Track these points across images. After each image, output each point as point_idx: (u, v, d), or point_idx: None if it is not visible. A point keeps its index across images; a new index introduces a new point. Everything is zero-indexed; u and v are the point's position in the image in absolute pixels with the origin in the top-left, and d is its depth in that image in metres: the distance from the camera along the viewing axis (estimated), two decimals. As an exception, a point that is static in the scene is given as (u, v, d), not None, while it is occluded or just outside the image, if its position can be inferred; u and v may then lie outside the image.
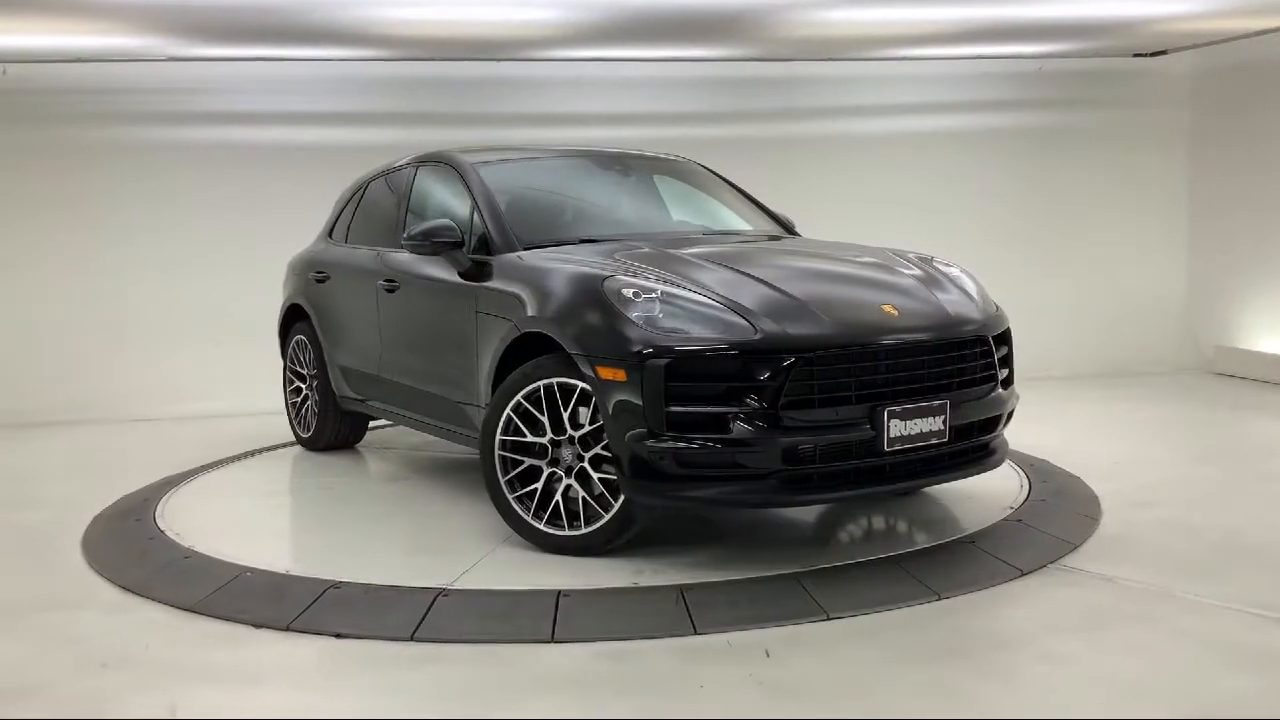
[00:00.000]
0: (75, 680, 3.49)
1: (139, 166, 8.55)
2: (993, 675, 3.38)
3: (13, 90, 8.29)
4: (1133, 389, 8.64)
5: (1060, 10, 7.46)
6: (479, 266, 5.07)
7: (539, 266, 4.78)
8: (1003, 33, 8.10)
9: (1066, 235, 9.60)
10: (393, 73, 8.78)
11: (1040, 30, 8.07)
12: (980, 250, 9.19)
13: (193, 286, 8.61)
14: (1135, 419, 7.51)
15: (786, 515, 5.05)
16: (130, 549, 4.83)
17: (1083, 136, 9.58)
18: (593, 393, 4.28)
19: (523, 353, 4.64)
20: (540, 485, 4.50)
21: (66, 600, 4.26)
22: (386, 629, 3.80)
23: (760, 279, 4.48)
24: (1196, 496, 5.37)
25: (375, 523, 5.26)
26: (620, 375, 4.15)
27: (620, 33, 7.69)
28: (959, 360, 4.47)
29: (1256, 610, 3.81)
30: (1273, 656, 3.46)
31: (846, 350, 4.19)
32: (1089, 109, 9.56)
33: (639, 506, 4.29)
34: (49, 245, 8.47)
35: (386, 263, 5.90)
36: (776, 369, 4.08)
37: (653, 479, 4.15)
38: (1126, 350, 9.50)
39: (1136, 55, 9.40)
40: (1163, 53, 9.31)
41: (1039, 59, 9.31)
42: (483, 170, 5.57)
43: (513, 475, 4.55)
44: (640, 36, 7.86)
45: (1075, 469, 5.77)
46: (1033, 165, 9.57)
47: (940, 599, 3.99)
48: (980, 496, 5.17)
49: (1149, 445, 6.72)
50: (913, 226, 9.01)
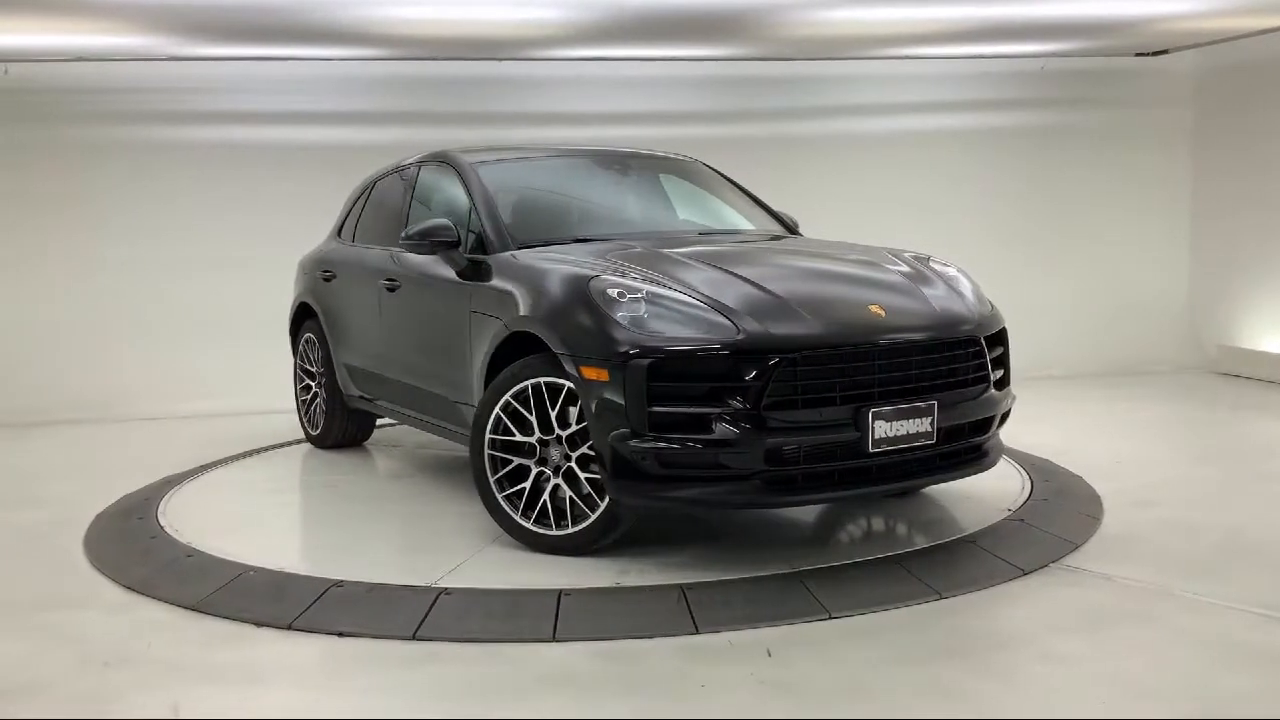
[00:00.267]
0: (77, 679, 3.50)
1: (141, 166, 8.55)
2: (994, 675, 3.38)
3: (14, 89, 8.30)
4: (1135, 388, 8.64)
5: (1062, 9, 7.46)
6: (475, 266, 5.08)
7: (529, 266, 4.79)
8: (1005, 32, 8.10)
9: (1069, 235, 9.59)
10: (396, 72, 8.79)
11: (1042, 29, 8.06)
12: (982, 249, 9.20)
13: (195, 286, 8.61)
14: (1137, 418, 7.51)
15: (787, 515, 5.05)
16: (132, 548, 4.83)
17: (1085, 136, 9.58)
18: (577, 392, 4.28)
19: (514, 352, 4.64)
20: (528, 484, 4.50)
21: (68, 599, 4.26)
22: (388, 628, 3.80)
23: (747, 279, 4.45)
24: (1198, 496, 5.37)
25: (372, 521, 5.27)
26: (603, 375, 4.14)
27: (622, 32, 7.69)
28: (948, 361, 4.44)
29: (1258, 610, 3.80)
30: (1274, 656, 3.46)
31: (831, 351, 4.16)
32: (1091, 108, 9.56)
33: (624, 507, 4.29)
34: (51, 244, 8.48)
35: (387, 261, 5.91)
36: (759, 369, 4.06)
37: (636, 479, 4.14)
38: (1129, 349, 9.50)
39: (1139, 54, 9.40)
40: (1165, 52, 9.30)
41: (1041, 58, 9.31)
42: (481, 170, 5.58)
43: (502, 474, 4.56)
44: (642, 36, 7.86)
45: (1077, 468, 5.77)
46: (1035, 165, 9.56)
47: (941, 598, 3.99)
48: (981, 496, 5.17)
49: (1151, 445, 6.72)
50: (915, 226, 9.01)
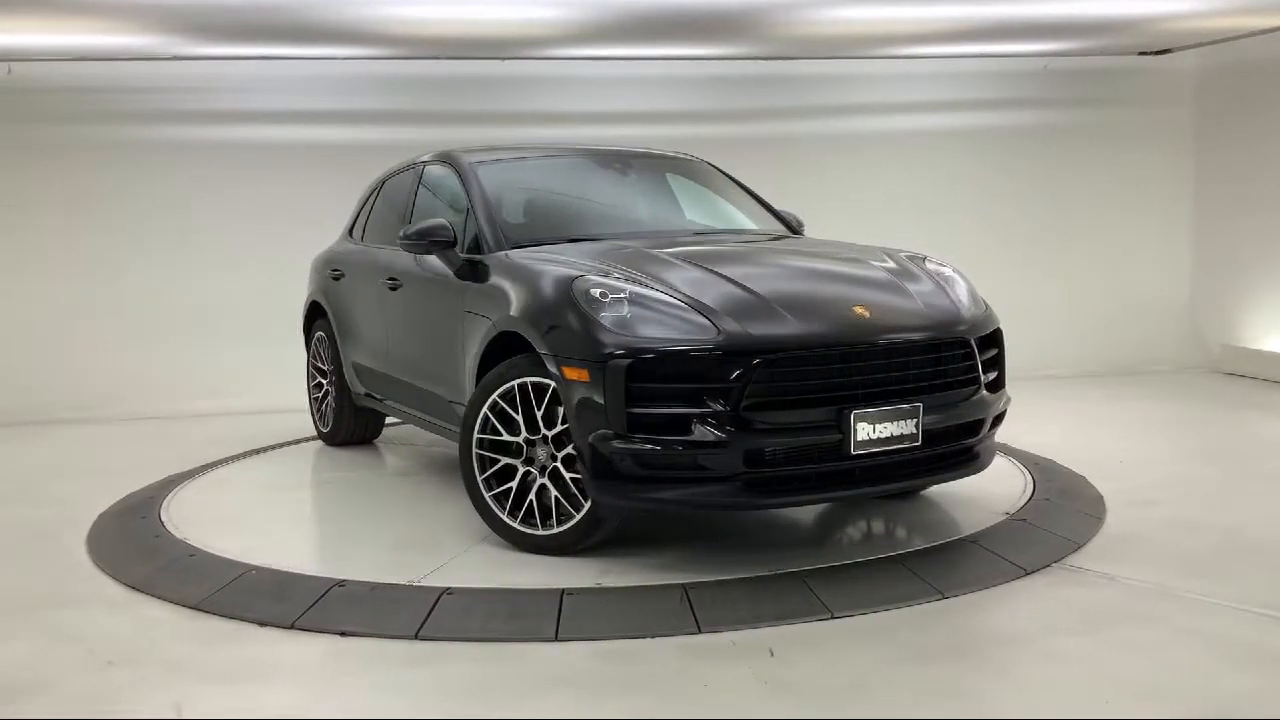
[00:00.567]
0: (80, 678, 3.50)
1: (143, 166, 8.55)
2: (996, 674, 3.38)
3: (17, 89, 8.30)
4: (1138, 388, 8.63)
5: (1065, 9, 7.45)
6: (471, 266, 5.09)
7: (518, 266, 4.79)
8: (1008, 31, 8.09)
9: (1071, 234, 9.58)
10: (400, 72, 8.78)
11: (1045, 29, 8.06)
12: (985, 249, 9.21)
13: (197, 284, 8.62)
14: (1140, 418, 7.51)
15: (789, 515, 5.05)
16: (135, 547, 4.84)
17: (1088, 135, 9.57)
18: (559, 392, 4.28)
19: (505, 352, 4.63)
20: (515, 484, 4.50)
21: (71, 598, 4.27)
22: (391, 627, 3.81)
23: (731, 279, 4.43)
24: (1201, 496, 5.36)
25: (368, 519, 5.29)
26: (584, 375, 4.14)
27: (624, 32, 7.69)
28: (936, 362, 4.39)
29: (1260, 609, 3.80)
30: (1276, 656, 3.46)
31: (811, 351, 4.14)
32: (1094, 107, 9.55)
33: (606, 507, 4.28)
34: (54, 243, 8.49)
35: (391, 261, 5.92)
36: (737, 370, 4.03)
37: (615, 480, 4.14)
38: (1132, 349, 9.49)
39: (1141, 54, 9.39)
40: (1168, 51, 9.29)
41: (1044, 57, 9.30)
42: (480, 169, 5.59)
43: (489, 473, 4.56)
44: (645, 35, 7.86)
45: (1079, 468, 5.76)
46: (1038, 164, 9.55)
47: (944, 598, 3.99)
48: (984, 496, 5.17)
49: (1154, 444, 6.71)
50: (918, 226, 9.01)
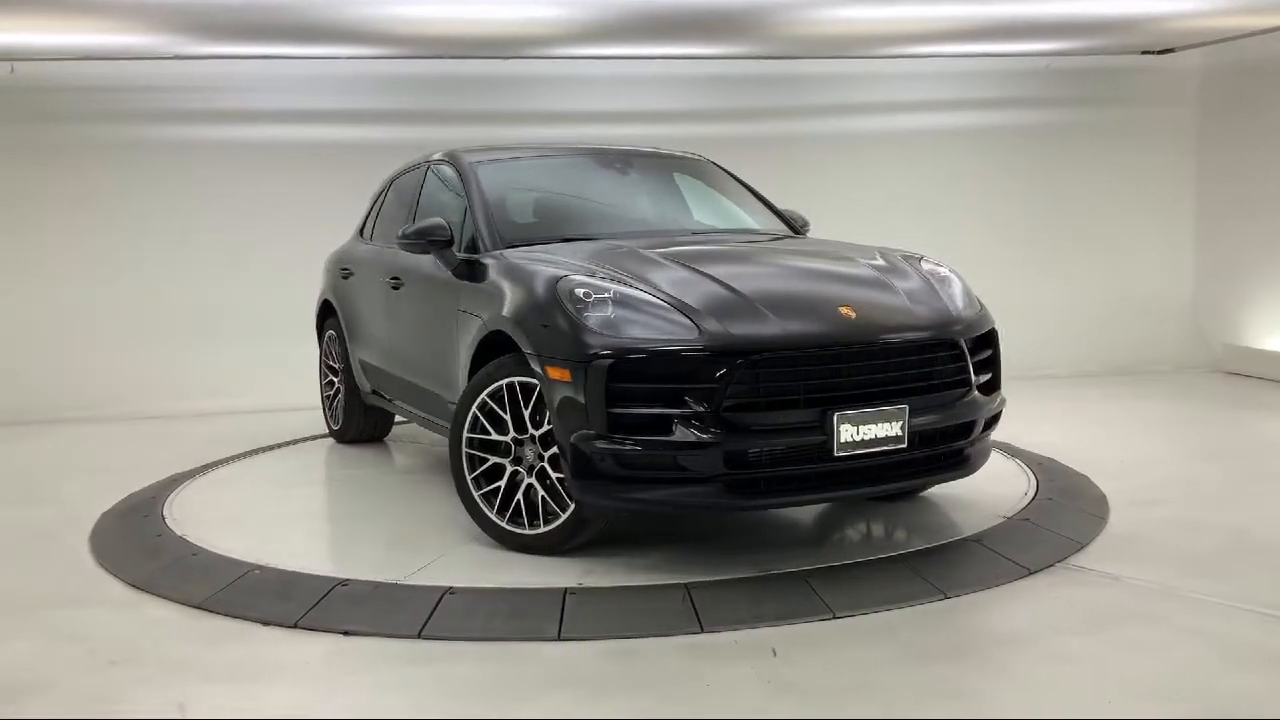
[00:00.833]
0: (83, 677, 3.50)
1: (147, 164, 8.55)
2: (999, 674, 3.38)
3: (20, 88, 8.31)
4: (1140, 387, 8.62)
5: (1068, 8, 7.44)
6: (468, 265, 5.09)
7: (509, 265, 4.79)
8: (1010, 30, 8.09)
9: (1074, 233, 9.57)
10: (403, 71, 8.78)
11: (1048, 28, 8.05)
12: (987, 248, 9.21)
13: (201, 283, 8.62)
14: (1143, 418, 7.50)
15: (791, 514, 5.04)
16: (138, 546, 4.84)
17: (1090, 134, 9.56)
18: (543, 392, 4.28)
19: (496, 351, 4.63)
20: (503, 483, 4.50)
21: (74, 597, 4.27)
22: (394, 626, 3.81)
23: (717, 279, 4.40)
24: (1204, 495, 5.36)
25: (366, 518, 5.33)
26: (566, 375, 4.13)
27: (627, 31, 7.69)
28: (924, 364, 4.35)
29: (1264, 609, 3.80)
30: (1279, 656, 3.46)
31: (793, 352, 4.11)
32: (1097, 107, 9.54)
33: (589, 507, 4.27)
34: (57, 242, 8.48)
35: (395, 260, 5.93)
36: (718, 370, 4.01)
37: (597, 480, 4.12)
38: (1134, 349, 9.48)
39: (1144, 53, 9.38)
40: (1170, 50, 9.28)
41: (1046, 56, 9.29)
42: (480, 169, 5.60)
43: (478, 473, 4.56)
44: (647, 34, 7.86)
45: (1082, 468, 5.76)
46: (1040, 163, 9.54)
47: (947, 598, 3.99)
48: (987, 495, 5.16)
49: (1157, 444, 6.71)
50: (920, 225, 9.01)
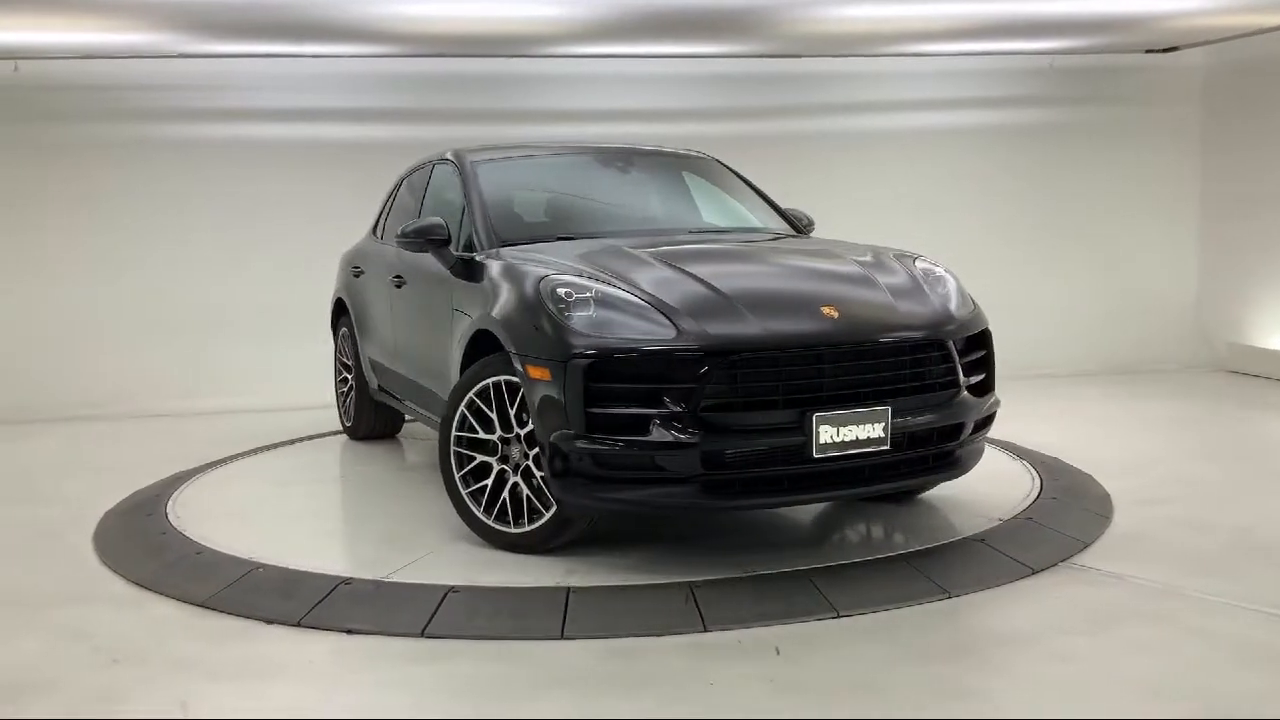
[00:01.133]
0: (86, 676, 3.51)
1: (151, 163, 8.56)
2: (1003, 674, 3.37)
3: (24, 86, 8.31)
4: (1144, 386, 8.61)
5: (1071, 6, 7.43)
6: (464, 264, 5.10)
7: (499, 264, 4.79)
8: (1014, 29, 8.08)
9: (1077, 232, 9.56)
10: (407, 70, 8.77)
11: (1051, 26, 8.04)
12: (990, 247, 9.20)
13: (203, 282, 8.62)
14: (1146, 417, 7.49)
15: (794, 513, 5.04)
16: (142, 544, 4.84)
17: (1094, 133, 9.54)
18: (523, 390, 4.28)
19: (485, 350, 4.63)
20: (490, 481, 4.50)
21: (78, 596, 4.27)
22: (397, 625, 3.81)
23: (700, 278, 4.37)
24: (1208, 494, 5.35)
25: (365, 515, 5.37)
26: (545, 374, 4.13)
27: (631, 29, 7.68)
28: (909, 364, 4.29)
29: (1268, 609, 3.79)
30: (1285, 656, 3.45)
31: (772, 352, 4.07)
32: (1100, 105, 9.52)
33: (571, 506, 4.27)
34: (61, 240, 8.49)
35: (399, 258, 5.95)
36: (695, 370, 3.99)
37: (576, 479, 4.12)
38: (1138, 347, 9.47)
39: (1148, 51, 9.36)
40: (1175, 49, 9.27)
41: (1050, 55, 9.28)
42: (480, 168, 5.61)
43: (466, 471, 4.57)
44: (651, 33, 7.86)
45: (1086, 467, 5.75)
46: (1044, 162, 9.53)
47: (950, 597, 3.99)
48: (990, 495, 5.16)
49: (1160, 443, 6.69)
50: (924, 224, 9.00)
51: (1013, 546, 4.48)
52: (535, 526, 4.41)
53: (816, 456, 4.06)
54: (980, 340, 4.65)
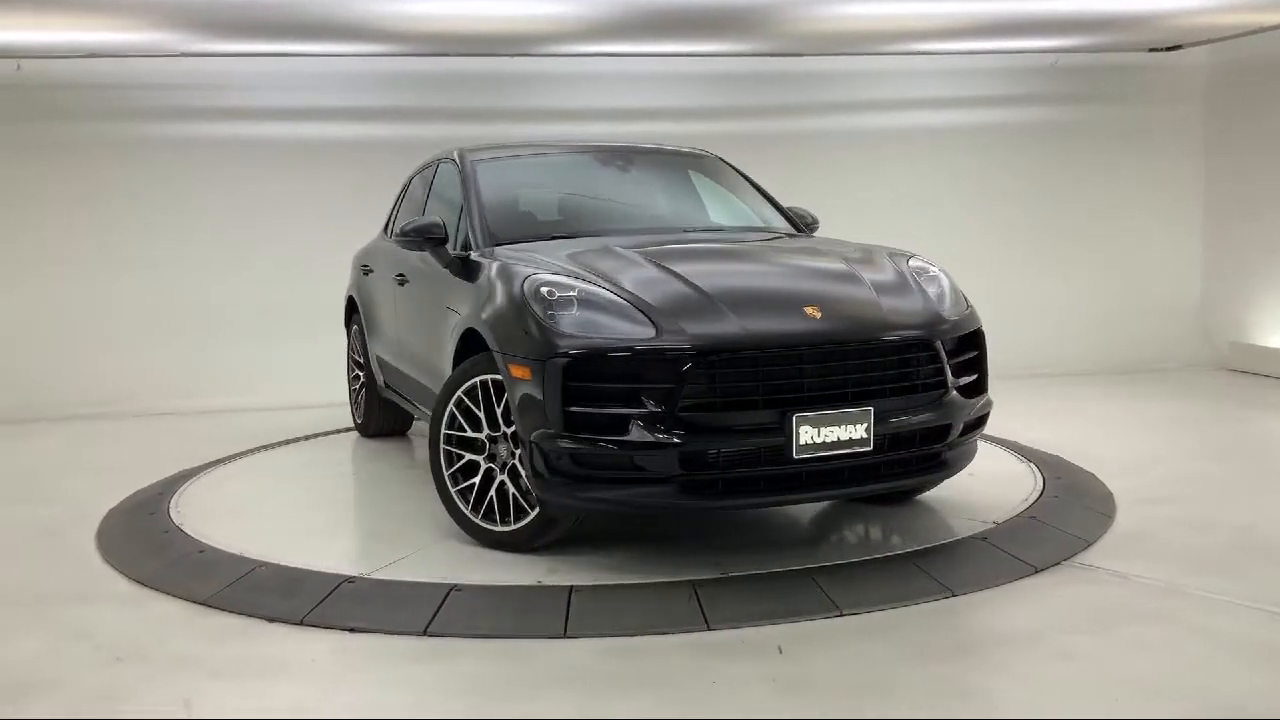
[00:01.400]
0: (88, 674, 3.51)
1: (154, 162, 8.55)
2: (1006, 673, 3.37)
3: (27, 85, 8.31)
4: (1146, 385, 8.60)
5: (1074, 4, 7.42)
6: (460, 263, 5.10)
7: (490, 263, 4.79)
8: (1016, 27, 8.07)
9: (1080, 231, 9.55)
10: (409, 69, 8.76)
11: (1054, 25, 8.03)
12: (992, 246, 9.20)
13: (209, 281, 8.62)
14: (1149, 415, 7.48)
15: (797, 512, 5.04)
16: (144, 543, 4.85)
17: (1097, 131, 9.53)
18: (507, 390, 4.27)
19: (476, 348, 4.62)
20: (478, 480, 4.50)
21: (80, 594, 4.28)
22: (399, 624, 3.81)
23: (684, 277, 4.36)
24: (1211, 493, 5.35)
25: (364, 513, 5.41)
26: (526, 373, 4.13)
27: (634, 28, 7.68)
28: (893, 365, 4.25)
29: (1272, 608, 3.79)
30: (1288, 655, 3.45)
31: (751, 352, 4.05)
32: (1103, 104, 9.51)
33: (553, 506, 4.26)
34: (63, 240, 8.49)
35: (402, 257, 5.96)
36: (673, 370, 3.98)
37: (557, 479, 4.11)
38: (1140, 346, 9.45)
39: (1151, 50, 9.35)
40: (1178, 47, 9.26)
41: (1053, 54, 9.27)
42: (480, 167, 5.61)
43: (456, 469, 4.57)
44: (654, 32, 7.85)
45: (1089, 465, 5.75)
46: (1046, 161, 9.52)
47: (953, 596, 3.98)
48: (993, 494, 5.16)
49: (1163, 442, 6.69)
50: (925, 223, 8.99)
51: (1015, 545, 4.47)
52: (521, 525, 4.41)
53: (797, 457, 4.03)
54: (972, 341, 4.60)
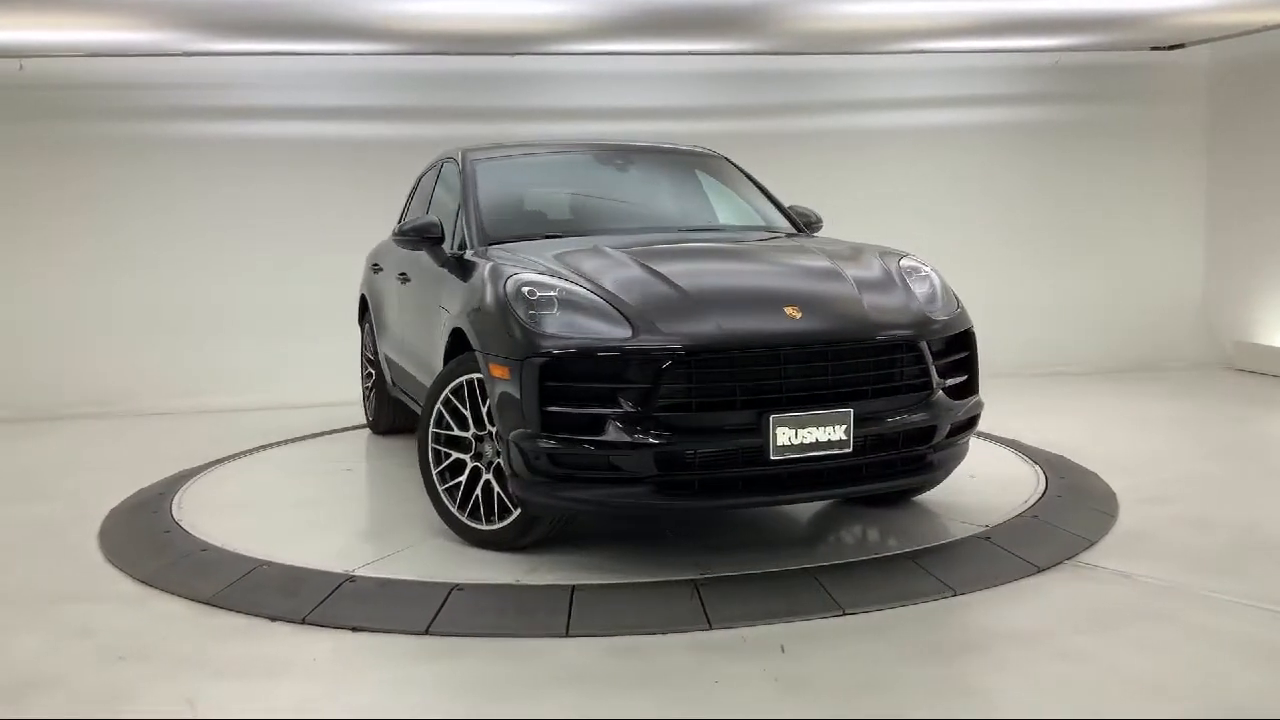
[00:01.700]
0: (91, 673, 3.51)
1: (156, 161, 8.56)
2: (1008, 672, 3.37)
3: (30, 85, 8.32)
4: (1150, 384, 8.60)
5: (1076, 3, 7.42)
6: (456, 262, 5.10)
7: (479, 262, 4.78)
8: (1018, 26, 8.06)
9: (1083, 230, 9.54)
10: (411, 68, 8.76)
11: (1056, 24, 8.03)
12: (994, 245, 9.19)
13: (211, 280, 8.62)
14: (1153, 415, 7.48)
15: (799, 511, 5.03)
16: (146, 542, 4.85)
17: (1100, 131, 9.52)
18: (487, 389, 4.27)
19: (465, 347, 4.61)
20: (465, 478, 4.51)
21: (83, 593, 4.28)
22: (402, 623, 3.81)
23: (666, 277, 4.34)
24: (1214, 492, 5.34)
25: (354, 510, 5.41)
26: (505, 373, 4.13)
27: (634, 27, 7.68)
28: (876, 366, 4.21)
29: (1274, 607, 3.78)
30: (1291, 654, 3.44)
31: (728, 353, 4.03)
32: (1106, 103, 9.51)
33: (533, 505, 4.26)
34: (65, 239, 8.49)
35: (406, 256, 5.97)
36: (649, 370, 3.97)
37: (535, 479, 4.11)
38: (1144, 345, 9.45)
39: (1154, 49, 9.35)
40: (1180, 46, 9.25)
41: (1055, 53, 9.26)
42: (479, 167, 5.61)
43: (443, 467, 4.57)
44: (654, 31, 7.85)
45: (1092, 465, 5.74)
46: (1049, 160, 9.52)
47: (955, 595, 3.98)
48: (996, 492, 5.15)
49: (1166, 441, 6.68)
50: (926, 222, 8.99)
51: (1017, 544, 4.47)
52: (505, 524, 4.42)
53: (774, 459, 3.99)
54: (961, 341, 4.56)
